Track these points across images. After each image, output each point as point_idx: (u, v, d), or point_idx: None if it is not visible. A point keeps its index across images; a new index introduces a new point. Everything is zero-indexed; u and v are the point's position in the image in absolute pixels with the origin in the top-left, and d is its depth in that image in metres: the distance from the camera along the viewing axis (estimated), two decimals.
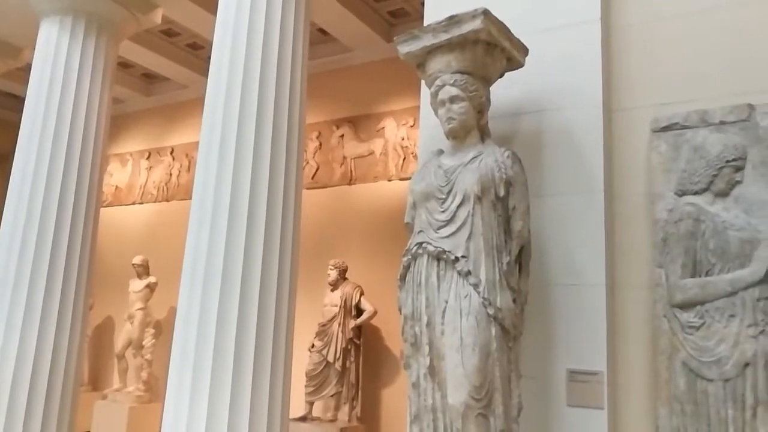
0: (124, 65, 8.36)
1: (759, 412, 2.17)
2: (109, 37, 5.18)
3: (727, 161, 2.36)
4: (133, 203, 9.17)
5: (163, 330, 7.74)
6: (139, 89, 9.22)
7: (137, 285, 7.79)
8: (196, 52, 8.12)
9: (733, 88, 2.45)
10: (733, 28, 2.51)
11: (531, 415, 2.44)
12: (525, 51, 2.59)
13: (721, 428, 2.22)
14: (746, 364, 2.20)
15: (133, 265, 7.83)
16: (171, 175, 8.90)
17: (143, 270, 7.83)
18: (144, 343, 7.61)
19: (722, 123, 2.40)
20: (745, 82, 2.44)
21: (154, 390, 7.54)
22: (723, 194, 2.36)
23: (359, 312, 6.40)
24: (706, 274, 2.33)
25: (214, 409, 3.03)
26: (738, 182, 2.35)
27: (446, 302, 2.26)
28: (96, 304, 8.15)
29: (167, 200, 8.82)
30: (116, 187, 9.41)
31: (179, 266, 3.29)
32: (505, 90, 2.68)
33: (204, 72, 3.60)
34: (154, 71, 8.52)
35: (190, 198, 3.40)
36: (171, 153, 8.99)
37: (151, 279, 7.78)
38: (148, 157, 9.20)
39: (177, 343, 3.19)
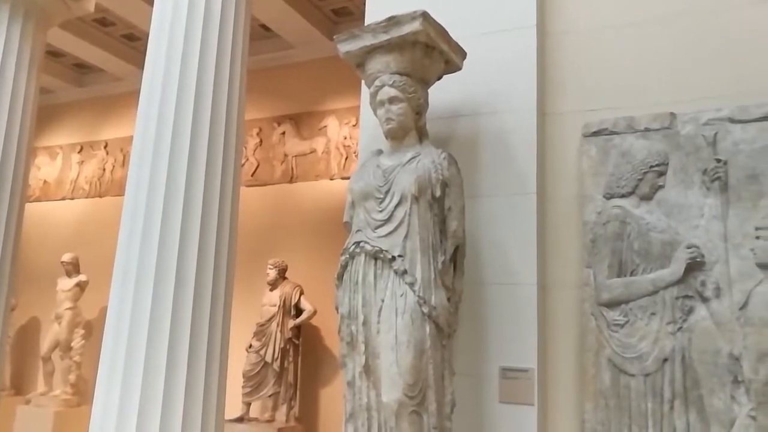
0: (54, 54, 8.00)
1: (676, 405, 2.29)
2: (37, 23, 4.93)
3: (651, 166, 2.47)
4: (63, 198, 8.78)
5: (93, 331, 7.44)
6: (71, 80, 8.83)
7: (66, 284, 7.47)
8: (133, 44, 7.85)
9: (657, 97, 2.57)
10: (659, 41, 2.64)
11: (464, 412, 2.49)
12: (463, 54, 2.64)
13: (641, 421, 2.33)
14: (665, 360, 2.32)
15: (61, 262, 7.50)
16: (104, 170, 8.59)
17: (73, 268, 7.51)
18: (73, 344, 7.31)
19: (647, 130, 2.52)
20: (668, 91, 2.56)
21: (83, 393, 7.25)
22: (647, 198, 2.47)
23: (299, 312, 6.35)
24: (631, 274, 2.43)
25: (145, 411, 2.93)
26: (660, 186, 2.46)
27: (382, 301, 2.27)
28: (20, 305, 7.75)
29: (100, 196, 8.50)
30: (44, 181, 8.99)
31: (112, 264, 3.18)
32: (443, 92, 2.71)
33: (140, 64, 3.48)
34: (87, 61, 8.19)
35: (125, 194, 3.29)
36: (105, 147, 8.67)
37: (82, 277, 7.48)
38: (80, 151, 8.83)
39: (107, 344, 3.07)
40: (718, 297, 2.29)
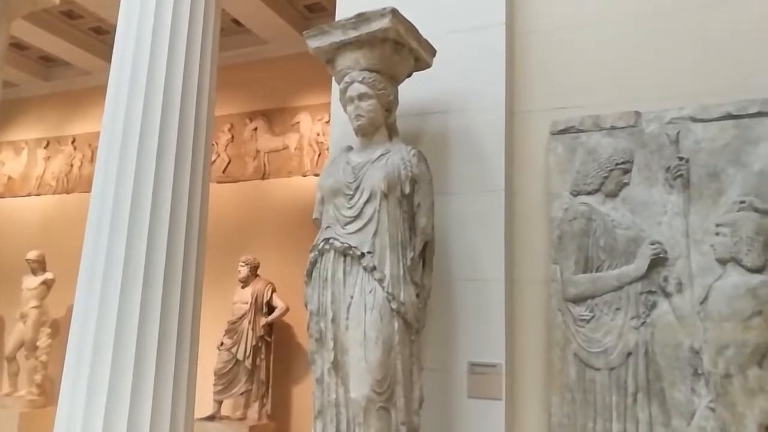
0: (18, 46, 7.81)
1: (639, 398, 2.34)
2: (0, 15, 4.81)
3: (617, 164, 2.51)
4: (29, 195, 8.59)
5: (60, 330, 7.30)
6: (37, 73, 8.63)
7: (32, 282, 7.31)
8: (101, 37, 7.70)
9: (623, 96, 2.61)
10: (625, 41, 2.68)
11: (433, 407, 2.51)
12: (433, 52, 2.65)
13: (606, 414, 2.38)
14: (629, 354, 2.37)
15: (27, 260, 7.33)
16: (72, 165, 8.43)
17: (39, 266, 7.36)
18: (39, 343, 7.16)
19: (613, 128, 2.56)
20: (634, 90, 2.61)
21: (49, 394, 7.11)
22: (612, 195, 2.52)
23: (271, 309, 6.32)
24: (597, 270, 2.48)
25: (112, 411, 2.89)
26: (626, 184, 2.51)
27: (351, 297, 2.27)
28: None
29: (67, 192, 8.34)
30: (9, 177, 8.77)
31: (79, 262, 3.12)
32: (413, 90, 2.72)
33: (109, 58, 3.42)
34: (53, 55, 8.02)
35: None
36: (72, 142, 8.50)
37: (48, 275, 7.33)
38: (46, 146, 8.64)
39: (72, 342, 3.02)
40: (679, 292, 2.35)
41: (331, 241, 2.34)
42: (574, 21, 2.79)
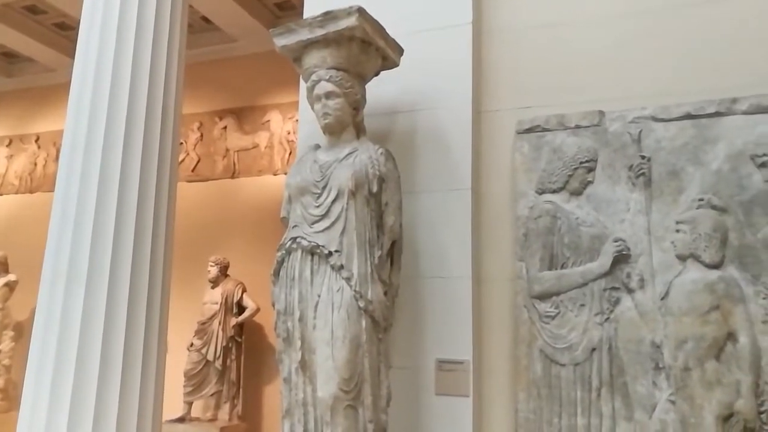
0: None
1: (603, 392, 2.38)
2: None
3: (581, 162, 2.55)
4: None
5: (23, 332, 7.13)
6: None
7: None
8: (65, 33, 7.54)
9: (586, 95, 2.65)
10: (590, 41, 2.72)
11: (401, 405, 2.52)
12: (400, 51, 2.65)
13: (570, 409, 2.42)
14: (593, 349, 2.41)
15: None
16: (36, 164, 8.25)
17: (1, 267, 7.19)
18: (1, 347, 7.00)
19: (577, 127, 2.60)
20: (597, 90, 2.65)
21: (12, 398, 6.94)
22: (577, 193, 2.55)
23: (241, 309, 6.28)
24: (562, 267, 2.51)
25: (77, 415, 2.84)
26: (590, 182, 2.55)
27: (319, 296, 2.27)
28: None
29: (31, 192, 8.15)
30: None
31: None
32: (381, 88, 2.72)
33: (73, 55, 3.36)
34: (16, 51, 7.82)
35: None
36: (36, 141, 8.32)
37: (11, 277, 7.16)
38: (8, 144, 8.44)
39: (35, 345, 2.96)
40: (642, 288, 2.39)
41: (298, 240, 2.34)
42: (541, 21, 2.83)
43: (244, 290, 6.31)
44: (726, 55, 2.50)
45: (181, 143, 6.92)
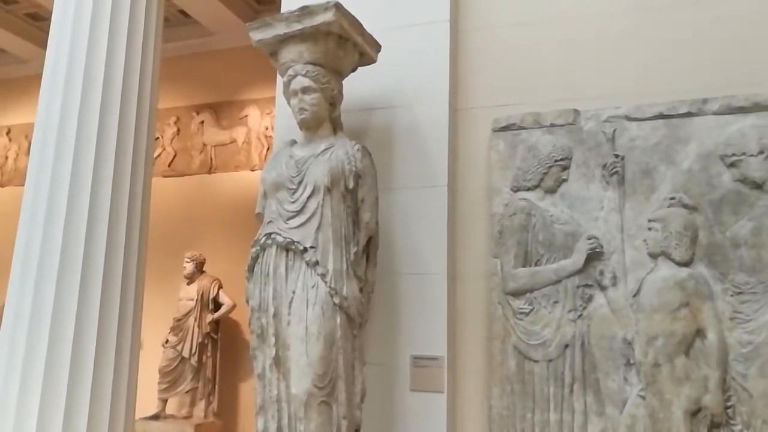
0: None
1: (575, 388, 2.41)
2: None
3: (556, 160, 2.58)
4: None
5: None
6: None
7: None
8: (38, 24, 7.39)
9: (562, 94, 2.68)
10: (566, 41, 2.74)
11: (376, 401, 2.52)
12: (377, 47, 2.65)
13: (543, 405, 2.44)
14: (566, 346, 2.44)
15: None
16: (7, 158, 8.09)
17: None
18: None
19: (552, 125, 2.62)
20: (572, 89, 2.67)
21: None
22: (551, 191, 2.58)
23: (217, 306, 6.23)
24: (536, 264, 2.53)
25: (47, 413, 2.79)
26: (564, 180, 2.57)
27: (293, 293, 2.26)
28: None
29: (2, 186, 8.00)
30: None
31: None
32: (358, 85, 2.72)
33: (46, 46, 3.29)
34: None
35: None
36: (7, 134, 8.16)
37: None
38: None
39: (4, 342, 2.90)
40: (614, 285, 2.42)
41: (273, 236, 2.32)
42: (517, 20, 2.84)
43: (220, 286, 6.26)
44: (698, 56, 2.54)
45: (158, 138, 6.83)
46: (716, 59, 2.51)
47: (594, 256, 2.45)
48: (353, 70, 2.63)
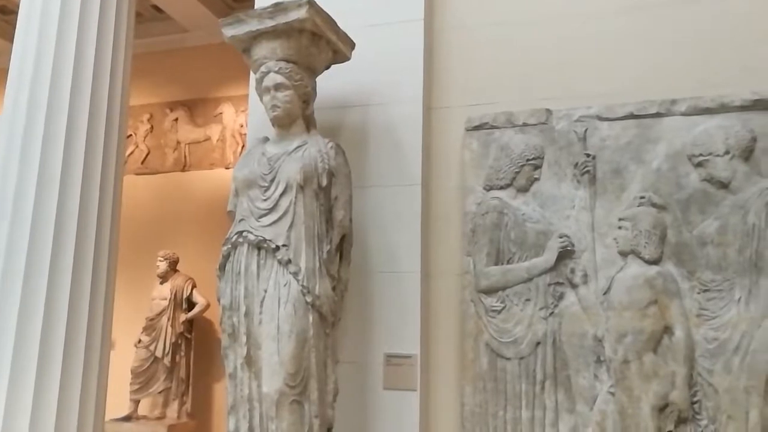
0: None
1: (546, 385, 2.43)
2: None
3: (528, 160, 2.60)
4: None
5: None
6: None
7: None
8: (6, 17, 7.22)
9: (534, 94, 2.70)
10: (538, 41, 2.77)
11: (349, 400, 2.52)
12: (352, 45, 2.64)
13: (515, 402, 2.46)
14: (537, 343, 2.46)
15: None
16: None
17: None
18: None
19: (525, 125, 2.64)
20: (545, 89, 2.70)
21: None
22: (524, 190, 2.60)
23: (191, 305, 6.17)
24: (508, 262, 2.55)
25: (12, 414, 2.74)
26: (536, 179, 2.59)
27: (265, 291, 2.25)
28: None
29: None
30: None
31: None
32: (332, 82, 2.70)
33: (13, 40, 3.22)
34: None
35: None
36: None
37: None
38: None
39: None
40: (585, 283, 2.45)
41: (244, 234, 2.30)
42: (490, 19, 2.86)
43: (194, 286, 6.20)
44: (668, 57, 2.58)
45: (131, 135, 6.73)
46: (685, 61, 2.55)
47: (565, 254, 2.48)
48: (327, 68, 2.62)
